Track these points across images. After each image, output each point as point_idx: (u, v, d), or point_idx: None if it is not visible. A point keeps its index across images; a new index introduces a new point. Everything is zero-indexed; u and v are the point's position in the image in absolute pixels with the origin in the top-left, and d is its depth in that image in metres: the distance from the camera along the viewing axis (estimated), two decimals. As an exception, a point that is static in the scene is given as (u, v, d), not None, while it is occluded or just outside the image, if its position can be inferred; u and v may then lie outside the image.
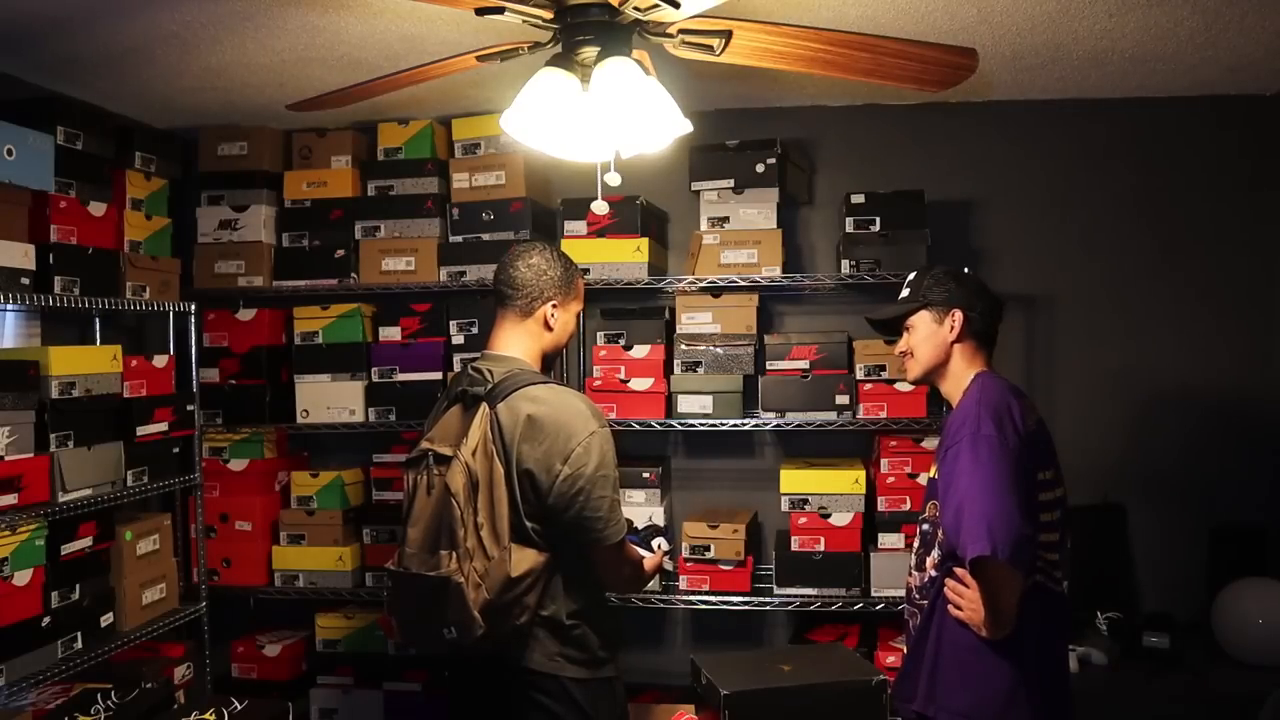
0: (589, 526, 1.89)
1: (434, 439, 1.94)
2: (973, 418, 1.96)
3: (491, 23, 1.72)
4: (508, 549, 1.84)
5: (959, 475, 1.92)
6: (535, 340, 2.04)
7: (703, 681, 1.66)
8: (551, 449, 1.86)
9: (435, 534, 1.86)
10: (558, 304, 2.04)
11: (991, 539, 1.81)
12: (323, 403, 3.23)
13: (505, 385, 1.92)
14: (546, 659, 1.92)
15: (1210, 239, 3.22)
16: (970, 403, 2.01)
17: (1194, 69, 2.91)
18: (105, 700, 2.22)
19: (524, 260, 2.04)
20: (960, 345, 2.11)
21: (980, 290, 2.15)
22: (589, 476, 1.87)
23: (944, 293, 2.11)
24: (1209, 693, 2.64)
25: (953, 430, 1.99)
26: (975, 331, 2.11)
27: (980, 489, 1.88)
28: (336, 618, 3.29)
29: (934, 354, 2.11)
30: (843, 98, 3.28)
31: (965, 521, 1.86)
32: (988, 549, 1.81)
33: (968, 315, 2.10)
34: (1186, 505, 3.20)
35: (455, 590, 1.80)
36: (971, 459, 1.91)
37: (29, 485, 2.31)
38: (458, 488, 1.82)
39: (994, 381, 2.07)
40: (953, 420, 2.02)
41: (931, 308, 2.11)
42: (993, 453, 1.90)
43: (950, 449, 1.96)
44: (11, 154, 2.30)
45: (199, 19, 2.41)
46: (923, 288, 2.14)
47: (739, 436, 3.37)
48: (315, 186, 3.29)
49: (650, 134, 1.85)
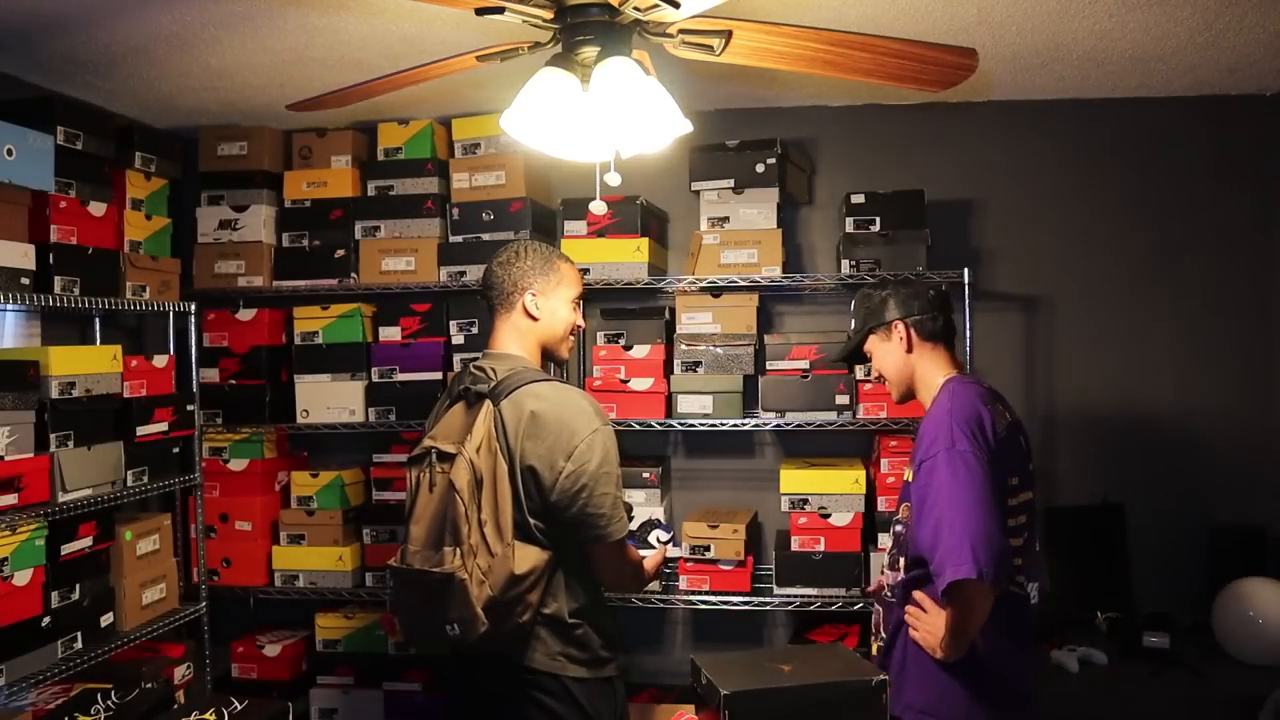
0: (591, 524, 1.89)
1: (436, 437, 1.95)
2: (945, 430, 1.92)
3: (491, 23, 1.72)
4: (511, 546, 1.85)
5: (936, 490, 1.89)
6: (525, 334, 2.05)
7: (703, 681, 1.66)
8: (555, 445, 1.87)
9: (439, 531, 1.86)
10: (536, 292, 2.04)
11: (975, 561, 1.79)
12: (323, 403, 3.23)
13: (508, 382, 1.93)
14: (548, 658, 1.92)
15: (1210, 239, 3.22)
16: (941, 412, 1.98)
17: (1194, 69, 2.91)
18: (105, 700, 2.21)
19: (496, 260, 2.07)
20: (917, 352, 2.10)
21: (915, 292, 2.12)
22: (592, 473, 1.87)
23: (881, 310, 2.12)
24: (1209, 693, 2.64)
25: (926, 440, 1.96)
26: (927, 334, 2.10)
27: (960, 508, 1.85)
28: (336, 618, 3.29)
29: (899, 370, 2.12)
30: (843, 98, 3.29)
31: (945, 541, 1.84)
32: (972, 572, 1.79)
33: (910, 322, 2.09)
34: (1186, 505, 3.20)
35: (459, 587, 1.81)
36: (949, 475, 1.88)
37: (29, 485, 2.31)
38: (462, 484, 1.83)
39: (964, 388, 2.03)
40: (925, 428, 2.00)
41: (876, 330, 2.13)
42: (969, 470, 1.88)
43: (925, 462, 1.93)
44: (11, 154, 2.30)
45: (199, 19, 2.41)
46: (863, 312, 2.16)
47: (739, 436, 3.37)
48: (315, 186, 3.29)
49: (650, 134, 1.85)
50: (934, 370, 2.10)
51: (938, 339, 2.11)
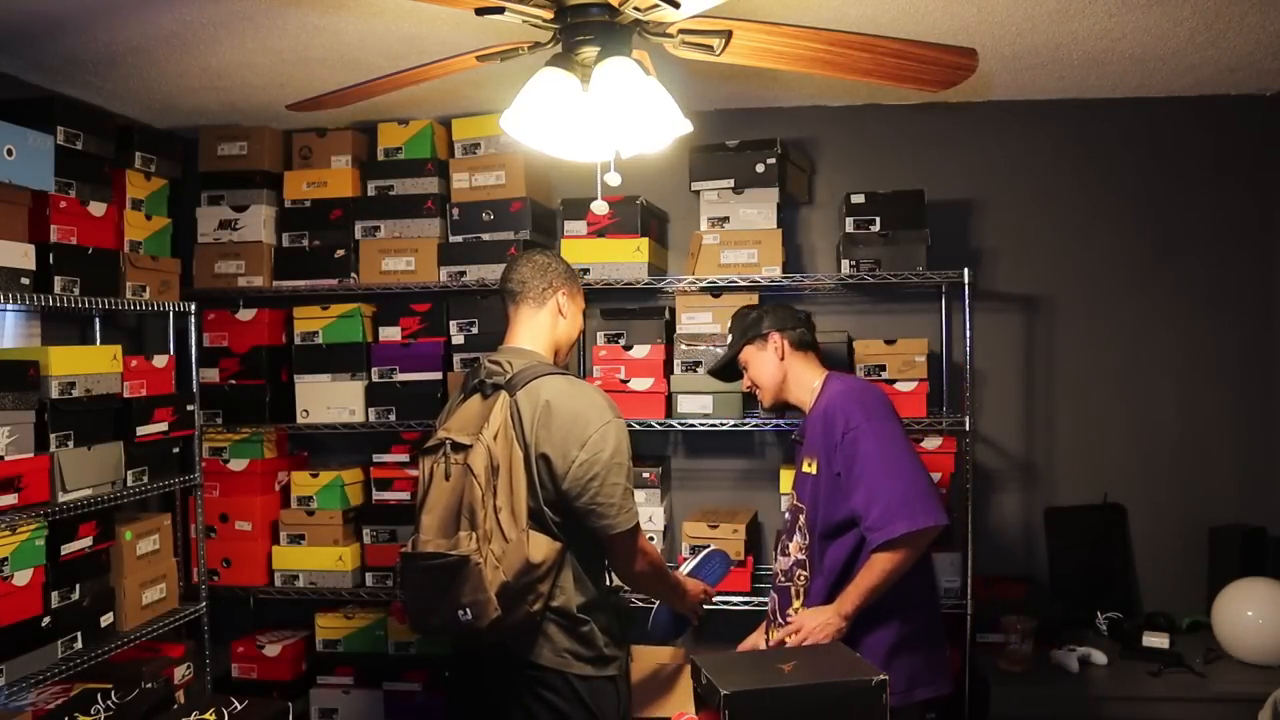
0: (601, 513, 1.92)
1: (451, 429, 1.99)
2: (857, 408, 2.17)
3: (491, 23, 1.72)
4: (525, 532, 1.88)
5: (865, 458, 2.12)
6: (549, 331, 2.12)
7: (703, 681, 1.66)
8: (569, 435, 1.90)
9: (454, 518, 1.90)
10: (567, 293, 2.14)
11: (935, 511, 2.08)
12: (323, 403, 3.23)
13: (524, 374, 1.97)
14: (554, 655, 1.94)
15: (1210, 239, 3.23)
16: (836, 397, 2.23)
17: (1194, 69, 2.91)
18: (105, 700, 2.21)
19: (527, 258, 2.15)
20: (789, 360, 2.35)
21: (787, 312, 2.39)
22: (605, 463, 1.90)
23: (757, 324, 2.37)
24: (1209, 693, 2.64)
25: (837, 422, 2.17)
26: (798, 344, 2.36)
27: (901, 468, 2.12)
28: (336, 618, 3.29)
29: (772, 377, 2.36)
30: (843, 98, 3.29)
31: (891, 498, 2.08)
32: (938, 519, 2.08)
33: (784, 333, 2.35)
34: (1186, 505, 3.20)
35: (474, 570, 1.83)
36: (877, 443, 2.13)
37: (29, 485, 2.31)
38: (479, 470, 1.87)
39: (849, 378, 2.37)
40: (826, 415, 2.21)
41: (754, 341, 2.37)
42: (895, 435, 2.16)
43: (847, 435, 2.15)
44: (11, 154, 2.30)
45: (199, 19, 2.41)
46: (740, 329, 2.41)
47: (739, 436, 3.37)
48: (315, 186, 3.29)
49: (650, 134, 1.85)
50: (807, 373, 2.35)
51: (808, 348, 2.38)
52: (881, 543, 2.08)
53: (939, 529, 2.10)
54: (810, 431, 2.29)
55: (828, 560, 2.22)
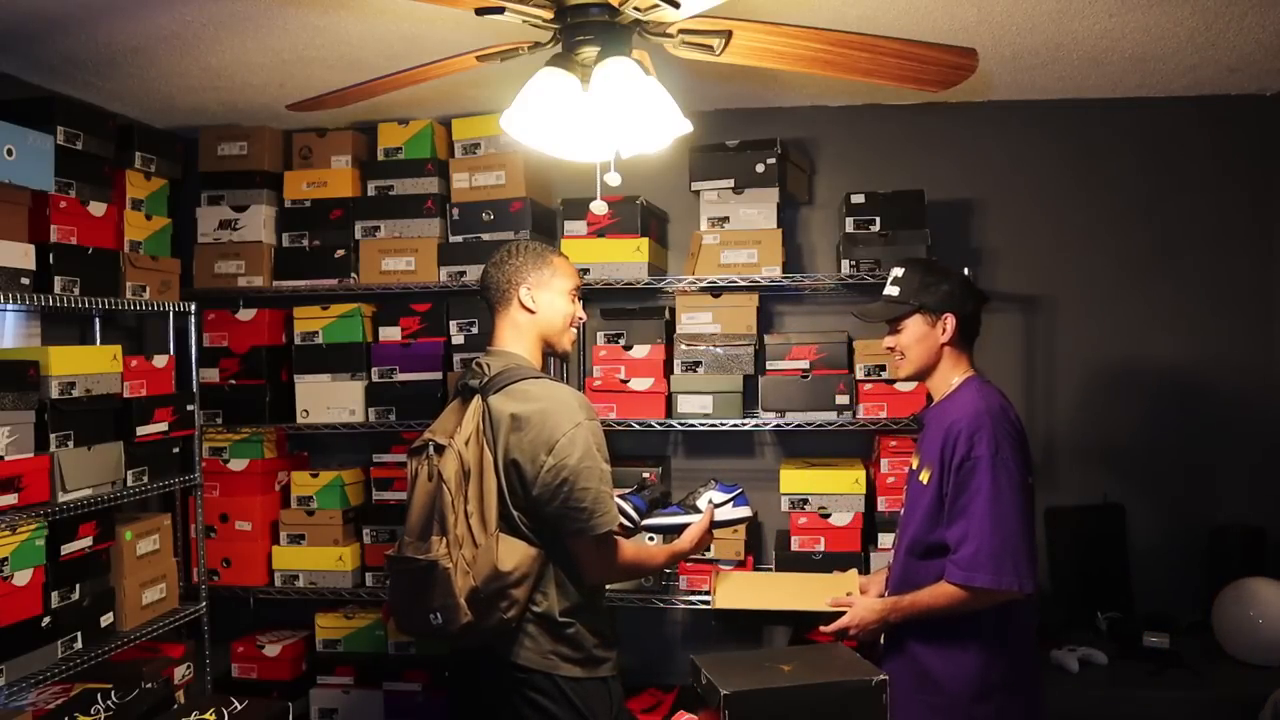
0: (573, 517, 1.90)
1: (435, 431, 2.00)
2: (988, 434, 2.01)
3: (491, 23, 1.72)
4: (495, 537, 1.88)
5: (975, 494, 1.99)
6: (524, 329, 2.08)
7: (703, 681, 1.66)
8: (537, 440, 1.89)
9: (428, 521, 1.90)
10: (531, 285, 2.07)
11: (1017, 575, 1.96)
12: (323, 403, 3.23)
13: (499, 379, 1.97)
14: (540, 656, 1.93)
15: (1210, 239, 3.22)
16: (975, 410, 2.05)
17: (1194, 69, 2.91)
18: (105, 700, 2.22)
19: (490, 262, 2.12)
20: (950, 348, 2.15)
21: (970, 291, 2.18)
22: (572, 468, 1.88)
23: (937, 297, 2.13)
24: (1209, 693, 2.64)
25: (963, 439, 2.02)
26: (966, 334, 2.17)
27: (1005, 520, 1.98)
28: (336, 618, 3.29)
29: (926, 357, 2.16)
30: (843, 98, 3.28)
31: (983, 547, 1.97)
32: (1017, 585, 1.96)
33: (960, 318, 2.13)
34: (1186, 505, 3.20)
35: (442, 575, 1.84)
36: (991, 483, 1.98)
37: (29, 485, 2.31)
38: (449, 475, 1.87)
39: (991, 390, 2.13)
40: (945, 426, 2.07)
41: (925, 312, 2.14)
42: (1011, 482, 1.99)
43: (967, 463, 2.01)
44: (11, 154, 2.30)
45: (199, 19, 2.41)
46: (915, 290, 2.15)
47: (739, 436, 3.37)
48: (315, 186, 3.29)
49: (650, 134, 1.85)
50: (956, 367, 2.17)
51: (970, 340, 2.19)
52: (958, 583, 2.00)
53: (1019, 595, 1.98)
54: (930, 431, 2.15)
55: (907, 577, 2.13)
